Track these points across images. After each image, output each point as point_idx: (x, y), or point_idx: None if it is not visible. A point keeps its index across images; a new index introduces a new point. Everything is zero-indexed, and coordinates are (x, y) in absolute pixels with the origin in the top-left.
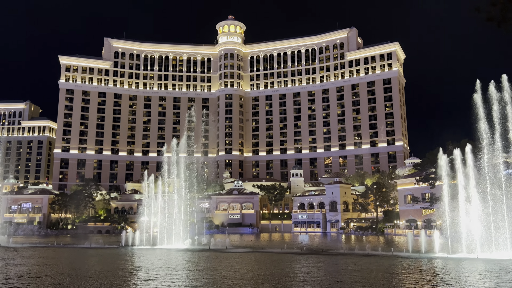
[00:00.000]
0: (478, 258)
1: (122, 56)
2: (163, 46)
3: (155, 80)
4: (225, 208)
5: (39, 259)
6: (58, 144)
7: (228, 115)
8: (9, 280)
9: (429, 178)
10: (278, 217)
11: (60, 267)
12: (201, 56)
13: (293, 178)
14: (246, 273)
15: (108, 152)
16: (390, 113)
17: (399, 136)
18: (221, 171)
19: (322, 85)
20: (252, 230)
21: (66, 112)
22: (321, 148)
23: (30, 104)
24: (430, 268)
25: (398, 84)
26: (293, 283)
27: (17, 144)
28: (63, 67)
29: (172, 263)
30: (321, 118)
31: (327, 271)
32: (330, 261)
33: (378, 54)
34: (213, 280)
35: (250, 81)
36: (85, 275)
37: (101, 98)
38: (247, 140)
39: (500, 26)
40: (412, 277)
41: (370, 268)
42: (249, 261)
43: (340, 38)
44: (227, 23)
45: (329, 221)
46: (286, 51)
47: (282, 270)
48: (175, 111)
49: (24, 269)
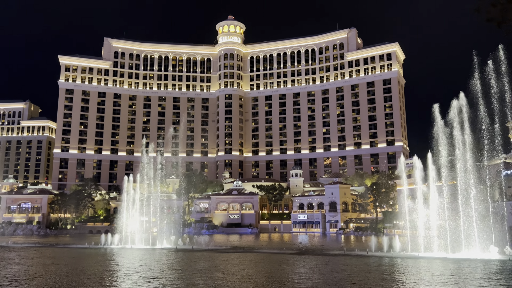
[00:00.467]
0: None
1: (122, 56)
2: (162, 46)
3: (154, 80)
4: (224, 208)
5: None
6: (57, 144)
7: (227, 115)
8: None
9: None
10: (278, 217)
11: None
12: (201, 56)
13: (293, 179)
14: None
15: (107, 152)
16: (390, 114)
17: (398, 137)
18: (221, 171)
19: (322, 86)
20: (251, 231)
21: (66, 112)
22: (320, 149)
23: (29, 104)
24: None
25: (397, 85)
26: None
27: (16, 144)
28: (62, 67)
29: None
30: (320, 119)
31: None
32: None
33: (377, 54)
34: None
35: (249, 81)
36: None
37: (100, 98)
38: (246, 140)
39: (500, 27)
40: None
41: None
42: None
43: (340, 38)
44: (227, 23)
45: (329, 221)
46: (286, 52)
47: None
48: (174, 111)
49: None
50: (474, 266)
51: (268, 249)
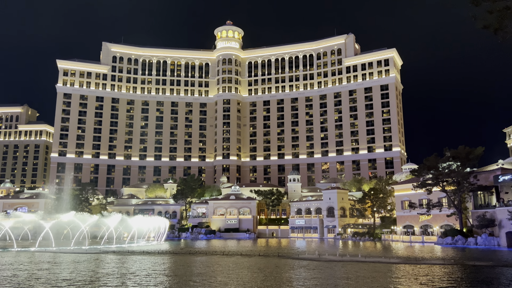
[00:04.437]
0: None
1: (120, 60)
2: (161, 51)
3: (152, 84)
4: (222, 213)
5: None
6: (55, 148)
7: (225, 120)
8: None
9: (426, 184)
10: (275, 222)
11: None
12: (199, 61)
13: (291, 183)
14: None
15: (105, 157)
16: (387, 119)
17: (396, 142)
18: (218, 176)
19: (320, 91)
20: (249, 236)
21: (64, 116)
22: (318, 154)
23: (27, 108)
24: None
25: (395, 90)
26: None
27: (13, 148)
28: (61, 71)
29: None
30: (318, 124)
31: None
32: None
33: (375, 60)
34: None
35: (248, 86)
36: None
37: (98, 103)
38: (244, 145)
39: (497, 33)
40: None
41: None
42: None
43: (338, 44)
44: (225, 28)
45: (326, 226)
46: (283, 57)
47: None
48: (172, 116)
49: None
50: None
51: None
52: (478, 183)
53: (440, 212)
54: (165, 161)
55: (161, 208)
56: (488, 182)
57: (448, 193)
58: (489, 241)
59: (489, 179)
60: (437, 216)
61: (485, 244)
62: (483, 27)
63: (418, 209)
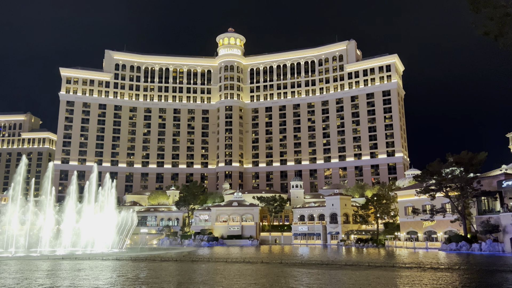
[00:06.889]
0: None
1: (123, 68)
2: (163, 58)
3: (155, 92)
4: (224, 220)
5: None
6: (57, 155)
7: (228, 127)
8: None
9: (429, 189)
10: (278, 229)
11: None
12: (201, 68)
13: (293, 190)
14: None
15: (107, 164)
16: (390, 125)
17: (398, 148)
18: (221, 182)
19: (322, 97)
20: (251, 242)
21: (66, 124)
22: (321, 160)
23: (30, 115)
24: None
25: (397, 96)
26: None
27: (17, 156)
28: (63, 79)
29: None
30: (320, 130)
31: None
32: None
33: (377, 66)
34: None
35: (250, 92)
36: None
37: (101, 110)
38: (246, 152)
39: (497, 40)
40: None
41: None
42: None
43: (339, 50)
44: (227, 35)
45: (330, 233)
46: (285, 63)
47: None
48: (175, 123)
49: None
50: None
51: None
52: (482, 189)
53: (443, 218)
54: (167, 168)
55: (164, 215)
56: (491, 187)
57: (452, 198)
58: (494, 247)
59: (493, 184)
60: (440, 222)
61: (489, 250)
62: (484, 34)
63: (421, 215)
